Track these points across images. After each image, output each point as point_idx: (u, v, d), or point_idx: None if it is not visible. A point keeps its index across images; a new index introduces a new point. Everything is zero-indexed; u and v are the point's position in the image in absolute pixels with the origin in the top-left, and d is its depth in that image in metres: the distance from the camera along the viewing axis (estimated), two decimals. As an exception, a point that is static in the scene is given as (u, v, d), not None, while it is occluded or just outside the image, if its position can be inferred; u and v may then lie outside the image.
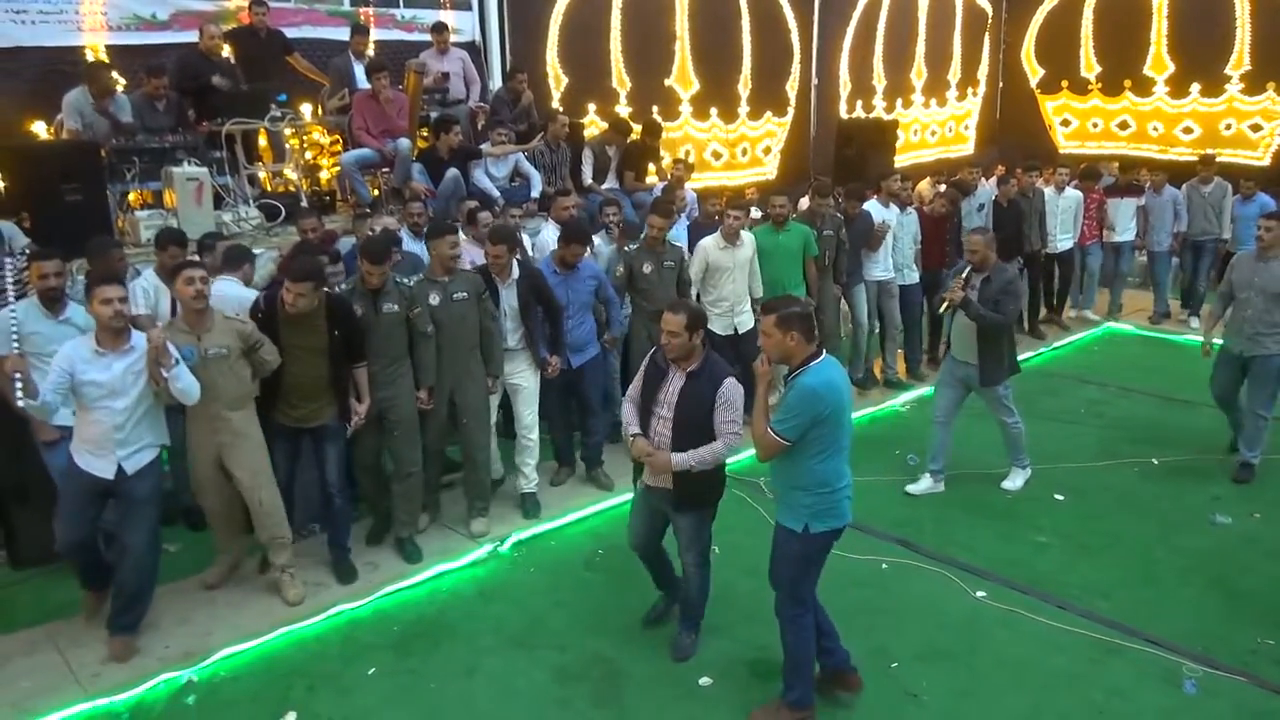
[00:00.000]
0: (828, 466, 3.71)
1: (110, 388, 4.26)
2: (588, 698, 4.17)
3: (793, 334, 3.65)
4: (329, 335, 4.89)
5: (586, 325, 6.11)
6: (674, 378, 4.12)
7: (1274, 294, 6.03)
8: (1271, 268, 6.09)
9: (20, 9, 7.41)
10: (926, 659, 4.40)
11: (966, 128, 16.19)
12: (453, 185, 7.50)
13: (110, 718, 4.11)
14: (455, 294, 5.31)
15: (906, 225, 8.10)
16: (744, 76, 12.57)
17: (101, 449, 4.33)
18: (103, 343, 4.25)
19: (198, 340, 4.53)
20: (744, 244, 6.86)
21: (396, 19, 9.47)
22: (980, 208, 8.81)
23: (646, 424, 4.18)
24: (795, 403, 3.61)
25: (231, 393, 4.65)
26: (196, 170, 6.78)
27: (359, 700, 4.19)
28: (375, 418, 5.24)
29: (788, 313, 3.67)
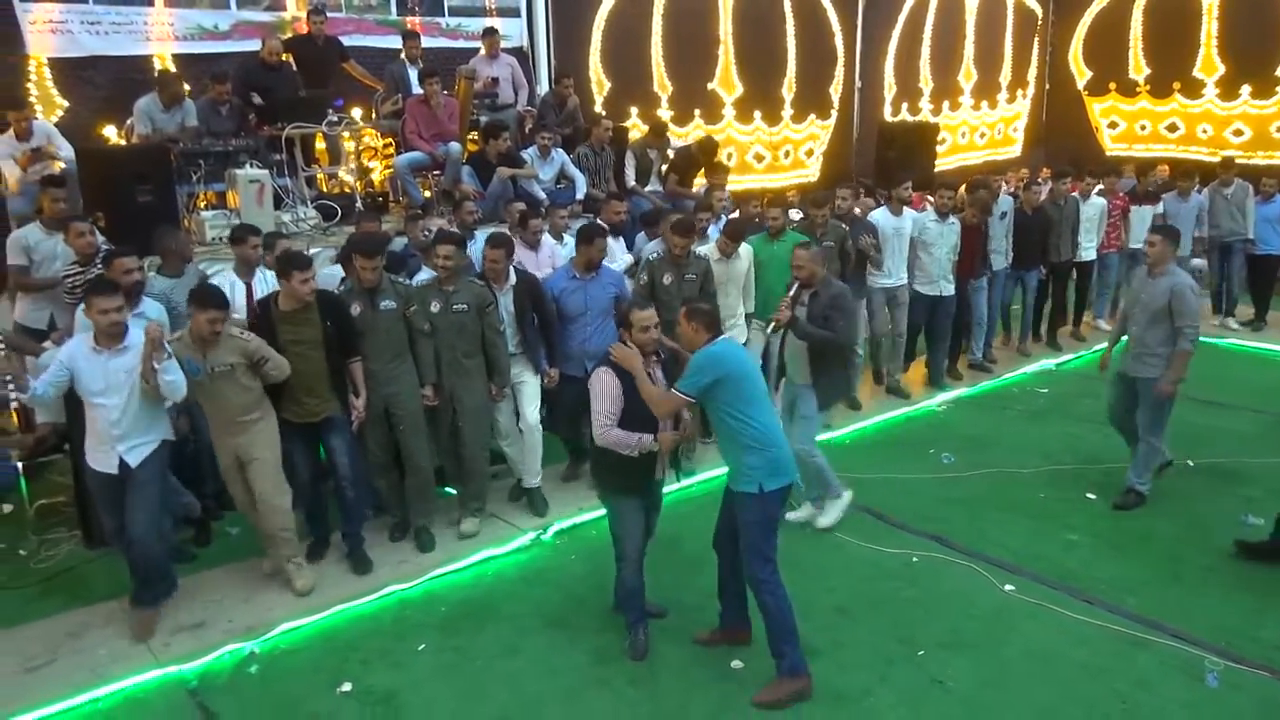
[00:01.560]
0: (761, 424, 4.11)
1: (105, 384, 4.52)
2: (625, 677, 4.37)
3: (694, 324, 4.23)
4: (323, 327, 5.05)
5: (608, 333, 5.92)
6: (655, 374, 4.40)
7: (1154, 312, 5.71)
8: (1155, 285, 5.77)
9: (94, 20, 7.85)
10: (953, 648, 4.53)
11: (1015, 130, 16.15)
12: (501, 188, 7.76)
13: (180, 684, 4.40)
14: (455, 305, 5.41)
15: (946, 235, 7.86)
16: (788, 79, 12.71)
17: (103, 444, 4.61)
18: (100, 342, 4.52)
19: (203, 357, 4.72)
20: (740, 257, 6.73)
21: (442, 27, 9.81)
22: (1002, 216, 8.58)
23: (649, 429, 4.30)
24: (695, 368, 4.11)
25: (241, 401, 4.85)
26: (258, 172, 7.11)
27: (409, 674, 4.43)
28: (382, 414, 5.38)
29: (695, 308, 4.34)
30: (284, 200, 7.50)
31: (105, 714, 4.22)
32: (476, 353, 5.54)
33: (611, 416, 4.28)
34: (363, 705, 4.23)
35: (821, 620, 4.77)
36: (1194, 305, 5.66)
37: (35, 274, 6.07)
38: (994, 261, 8.49)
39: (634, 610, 4.59)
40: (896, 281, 7.85)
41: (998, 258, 8.52)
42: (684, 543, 5.32)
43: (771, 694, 4.17)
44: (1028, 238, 8.63)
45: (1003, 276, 8.65)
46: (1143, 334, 5.80)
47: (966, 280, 8.19)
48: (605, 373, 4.33)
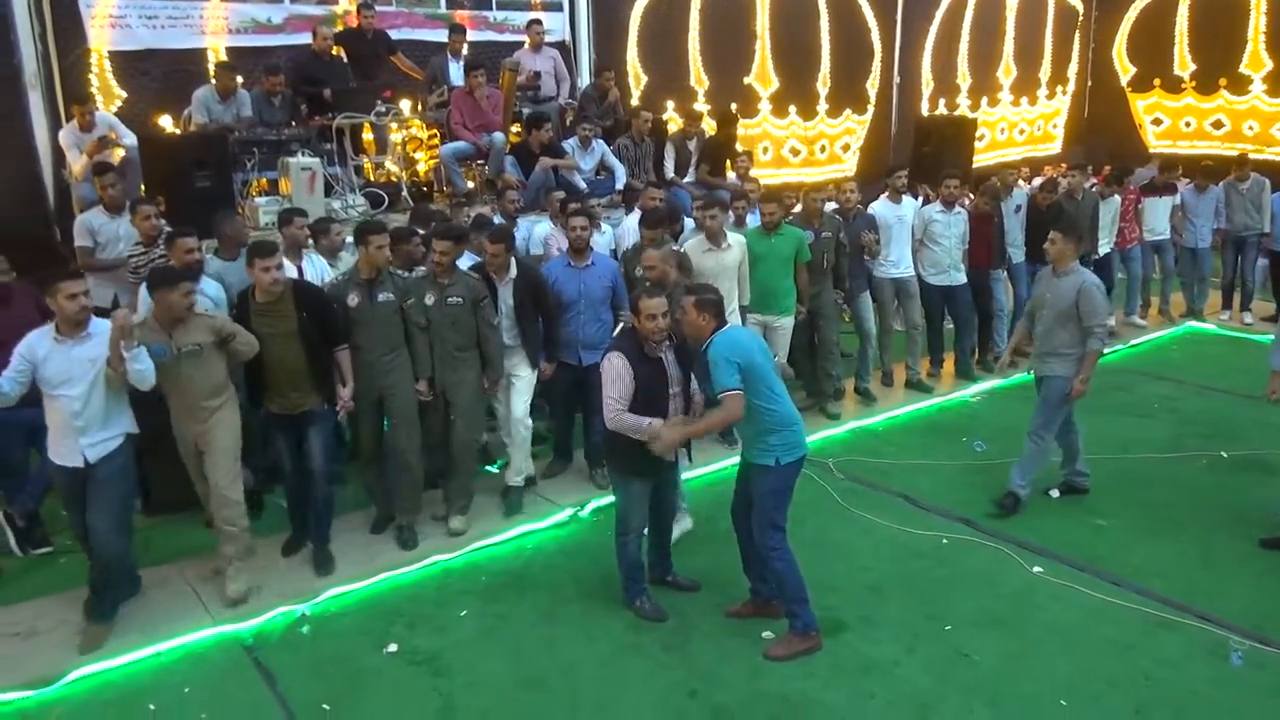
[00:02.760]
0: (782, 407, 4.31)
1: (67, 374, 4.41)
2: (658, 644, 4.53)
3: (705, 315, 4.29)
4: (297, 318, 4.96)
5: (602, 323, 6.01)
6: (667, 358, 4.50)
7: (1060, 311, 5.59)
8: (1060, 284, 5.64)
9: (151, 14, 8.14)
10: (980, 624, 4.64)
11: (1055, 126, 16.08)
12: (542, 177, 7.96)
13: (235, 642, 4.64)
14: (450, 298, 5.37)
15: (953, 225, 7.79)
16: (823, 75, 12.78)
17: (66, 439, 4.49)
18: (62, 330, 4.43)
19: (169, 337, 4.63)
20: (731, 247, 6.53)
21: (489, 20, 10.01)
22: (1017, 209, 8.49)
23: (661, 414, 4.42)
24: (719, 359, 4.19)
25: (206, 384, 4.76)
26: (309, 161, 7.37)
27: (452, 637, 4.63)
28: (377, 405, 5.39)
29: (704, 299, 4.33)
30: (334, 188, 7.76)
31: (166, 667, 4.46)
32: (470, 346, 5.50)
33: (623, 401, 4.36)
34: (408, 664, 4.44)
35: (852, 596, 4.91)
36: (1101, 304, 5.57)
37: (99, 255, 6.38)
38: (1011, 255, 8.45)
39: (634, 582, 4.77)
40: (904, 272, 7.80)
41: (1015, 251, 8.47)
42: (716, 520, 5.44)
43: (784, 649, 4.38)
44: (1043, 232, 8.54)
45: (1021, 271, 8.55)
46: (1049, 334, 5.68)
47: (984, 270, 8.16)
48: (617, 357, 4.40)
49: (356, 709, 4.12)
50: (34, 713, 4.15)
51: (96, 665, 4.43)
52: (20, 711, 4.16)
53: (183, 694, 4.25)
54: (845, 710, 4.06)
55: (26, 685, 4.28)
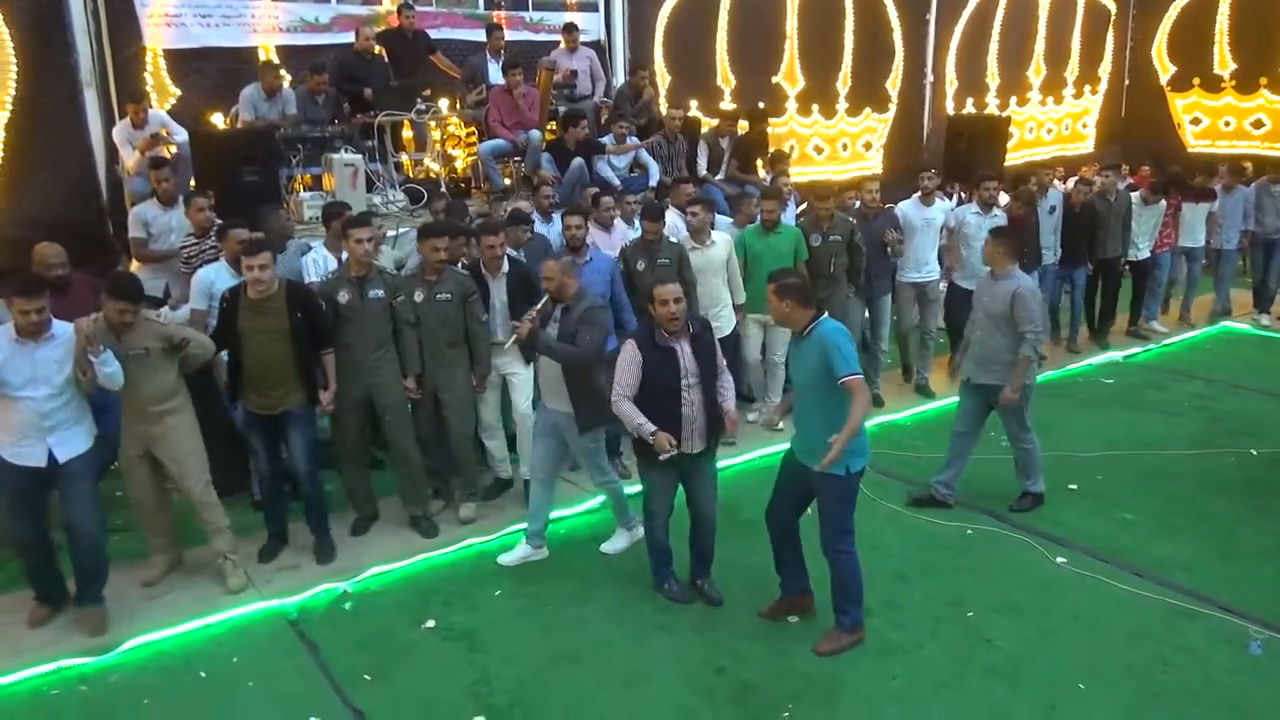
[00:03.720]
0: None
1: (31, 375, 4.39)
2: (687, 625, 4.67)
3: (788, 301, 4.20)
4: (290, 319, 5.00)
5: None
6: (682, 348, 4.47)
7: (995, 316, 5.50)
8: (997, 288, 5.54)
9: (205, 13, 8.40)
10: (1001, 611, 4.74)
11: (1085, 125, 15.98)
12: (578, 174, 8.12)
13: (281, 616, 4.85)
14: (439, 294, 5.40)
15: (988, 228, 7.38)
16: (843, 74, 12.87)
17: (28, 438, 4.45)
18: (22, 333, 4.39)
19: (118, 340, 4.64)
20: (716, 244, 6.57)
21: (526, 20, 10.18)
22: (1051, 210, 8.40)
23: (675, 404, 4.42)
24: (832, 346, 4.09)
25: (156, 388, 4.76)
26: (352, 157, 7.60)
27: (486, 615, 4.82)
28: (362, 404, 5.43)
29: (784, 283, 4.24)
30: (375, 183, 7.97)
31: (216, 639, 4.69)
32: (460, 343, 5.53)
33: (628, 389, 4.42)
34: (444, 640, 4.62)
35: (876, 583, 4.97)
36: (1035, 309, 5.45)
37: (153, 246, 6.64)
38: (1044, 256, 8.35)
39: (660, 565, 4.87)
40: (926, 276, 7.66)
41: (1047, 253, 8.38)
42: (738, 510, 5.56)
43: (833, 644, 4.41)
44: (1075, 234, 8.48)
45: (1051, 273, 8.49)
46: (987, 340, 5.58)
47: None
48: (630, 344, 4.47)
49: (396, 679, 4.32)
50: (93, 677, 4.38)
51: (151, 635, 4.65)
52: (80, 676, 4.39)
53: (231, 663, 4.47)
54: (866, 689, 4.18)
55: (86, 652, 4.52)
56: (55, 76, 7.80)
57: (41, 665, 4.42)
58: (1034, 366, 5.60)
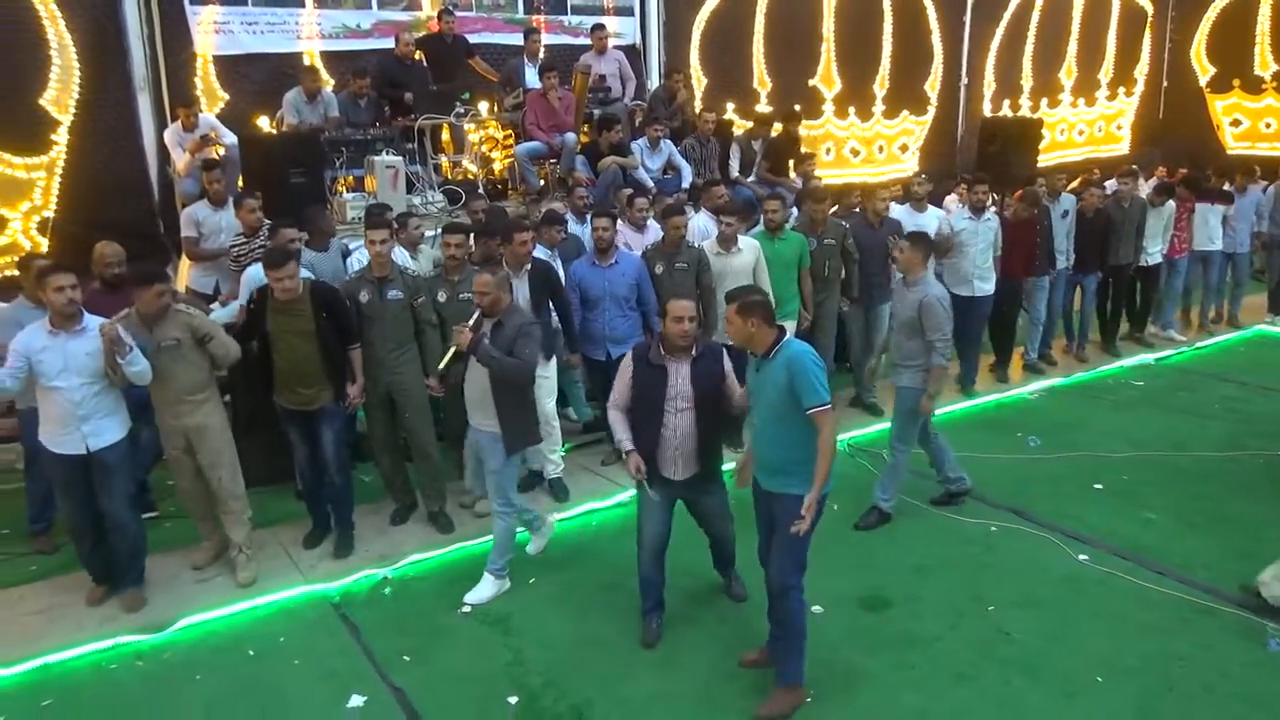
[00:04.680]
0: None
1: (65, 365, 4.54)
2: (713, 617, 4.82)
3: (753, 320, 3.88)
4: (315, 319, 5.11)
5: (629, 319, 6.17)
6: (678, 369, 4.25)
7: (905, 321, 5.54)
8: (908, 295, 5.54)
9: (252, 20, 8.70)
10: (1022, 606, 4.84)
11: (1119, 127, 15.91)
12: (611, 176, 8.30)
13: (324, 600, 5.08)
14: (462, 294, 5.45)
15: (981, 233, 7.48)
16: (881, 76, 12.93)
17: (66, 428, 4.63)
18: (55, 324, 4.56)
19: (150, 332, 4.78)
20: (742, 250, 6.53)
21: (564, 24, 10.39)
22: (1064, 215, 8.30)
23: (655, 424, 4.27)
24: (803, 370, 3.79)
25: (187, 380, 4.90)
26: (393, 159, 7.84)
27: (521, 600, 5.01)
28: (386, 401, 5.54)
29: (747, 301, 3.91)
30: (414, 185, 8.20)
31: (263, 619, 4.92)
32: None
33: (619, 399, 4.40)
34: (480, 624, 4.82)
35: (898, 576, 5.15)
36: (942, 318, 5.42)
37: (203, 245, 6.92)
38: (1056, 261, 8.30)
39: (647, 598, 4.64)
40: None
41: (1060, 257, 8.32)
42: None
43: (774, 707, 4.06)
44: (1087, 240, 8.43)
45: (1063, 279, 8.44)
46: (900, 343, 5.65)
47: (1022, 278, 8.01)
48: (627, 355, 4.48)
49: (434, 659, 4.52)
50: (149, 653, 4.63)
51: (202, 615, 4.90)
52: (137, 652, 4.64)
53: (278, 642, 4.70)
54: (885, 677, 4.30)
55: (142, 629, 4.78)
56: (112, 82, 8.15)
57: (101, 641, 4.68)
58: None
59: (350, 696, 4.24)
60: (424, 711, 4.14)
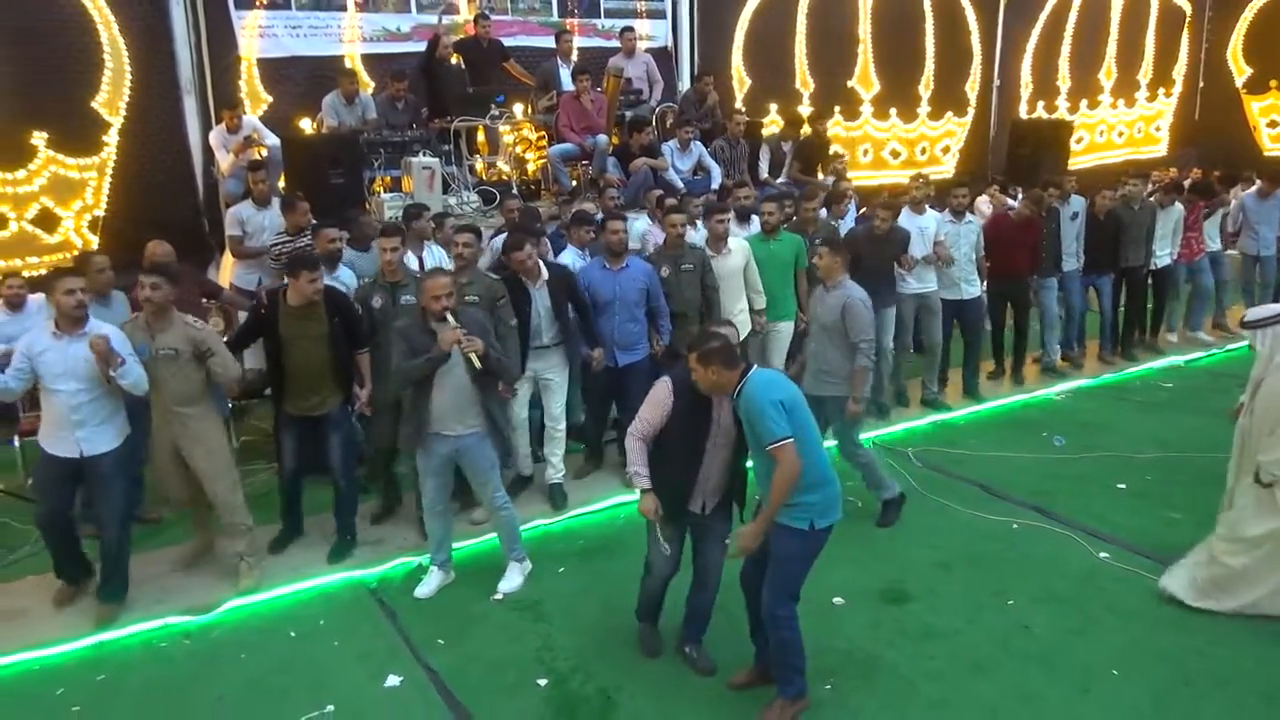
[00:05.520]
0: (817, 458, 3.84)
1: (64, 368, 4.58)
2: (739, 603, 4.88)
3: (713, 369, 3.80)
4: (329, 322, 5.17)
5: (638, 324, 6.18)
6: (721, 403, 4.01)
7: (827, 327, 5.50)
8: (829, 299, 5.51)
9: (295, 24, 8.95)
10: (1041, 601, 4.92)
11: (1158, 129, 15.82)
12: (642, 177, 8.45)
13: (361, 585, 5.28)
14: (468, 296, 5.36)
15: (964, 235, 7.47)
16: (925, 77, 12.96)
17: (61, 430, 4.66)
18: (61, 326, 4.60)
19: (152, 338, 4.83)
20: (732, 252, 6.56)
21: (597, 27, 10.55)
22: (1073, 216, 8.26)
23: (693, 462, 4.07)
24: (763, 402, 3.71)
25: (180, 390, 4.90)
26: (430, 160, 8.04)
27: (551, 588, 5.18)
28: (396, 403, 5.33)
29: (704, 350, 3.82)
30: (450, 185, 8.40)
31: (304, 603, 5.13)
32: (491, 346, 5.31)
33: (646, 424, 4.05)
34: (511, 610, 4.99)
35: (920, 572, 5.24)
36: (866, 319, 5.42)
37: (247, 243, 7.16)
38: (1065, 263, 8.29)
39: (645, 616, 4.57)
40: (927, 286, 7.46)
41: (1069, 259, 8.32)
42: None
43: (779, 715, 4.04)
44: (1099, 242, 8.40)
45: (1075, 280, 8.43)
46: (821, 351, 5.58)
47: (1024, 279, 7.98)
48: (665, 384, 4.08)
49: (467, 643, 4.69)
50: (196, 633, 4.85)
51: (246, 599, 5.11)
52: (185, 631, 4.86)
53: (318, 625, 4.90)
54: (905, 668, 4.40)
55: (189, 611, 4.99)
56: (160, 85, 8.45)
57: (151, 621, 4.90)
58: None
59: (387, 676, 4.42)
60: (458, 692, 4.30)
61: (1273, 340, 4.68)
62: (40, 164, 7.98)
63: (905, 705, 4.17)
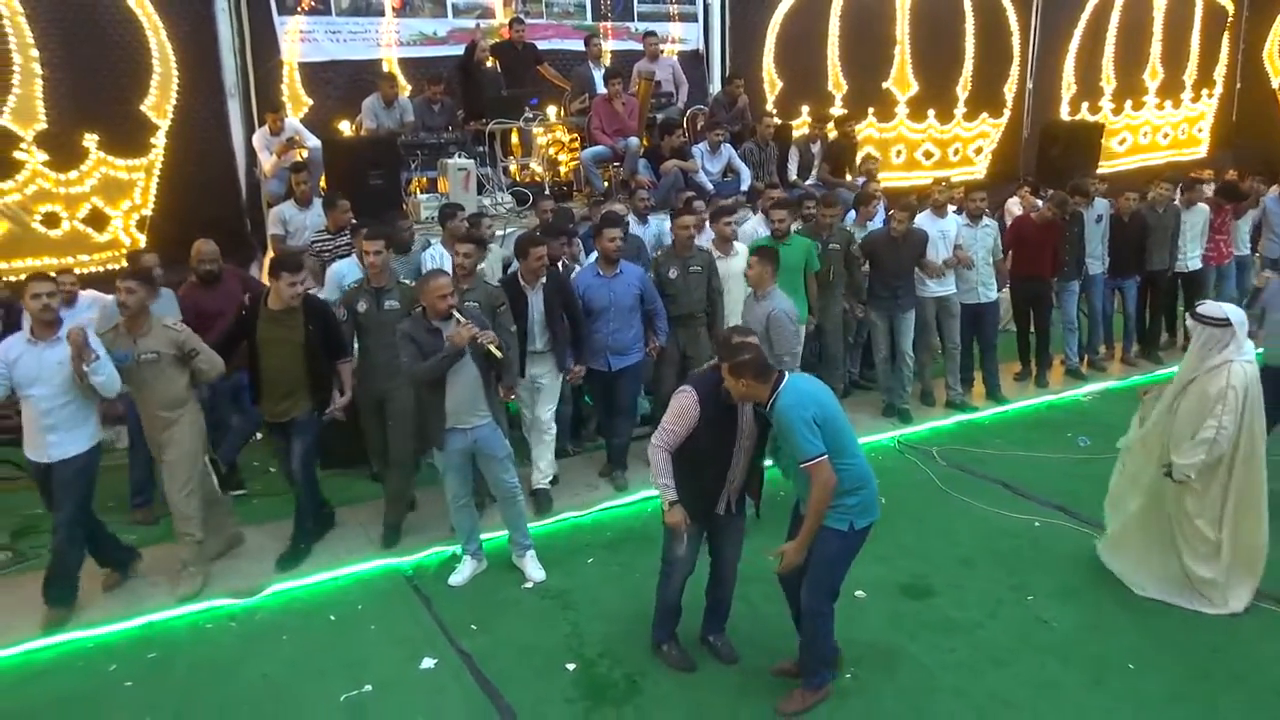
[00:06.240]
0: (854, 463, 3.91)
1: (38, 374, 4.64)
2: (763, 595, 5.03)
3: (744, 381, 3.83)
4: (305, 329, 5.19)
5: (633, 330, 6.22)
6: (744, 407, 4.08)
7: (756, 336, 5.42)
8: (757, 309, 5.56)
9: (335, 29, 9.18)
10: (1060, 596, 5.01)
11: (1200, 130, 15.65)
12: (673, 178, 8.59)
13: (398, 572, 5.48)
14: (468, 301, 5.37)
15: (981, 239, 7.53)
16: (964, 78, 12.95)
17: (35, 435, 4.73)
18: (36, 333, 4.67)
19: (134, 343, 4.88)
20: (738, 254, 6.65)
21: (630, 31, 10.68)
22: (1098, 219, 8.27)
23: (721, 467, 4.14)
24: (795, 420, 3.75)
25: (164, 393, 4.97)
26: (465, 162, 8.22)
27: (579, 579, 5.34)
28: (378, 408, 5.65)
29: (736, 363, 3.85)
30: (485, 186, 8.58)
31: (343, 589, 5.33)
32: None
33: (672, 435, 4.04)
34: (541, 598, 5.16)
35: (943, 567, 5.35)
36: (790, 334, 5.38)
37: (289, 242, 7.38)
38: (1089, 266, 8.30)
39: (662, 628, 4.55)
40: (947, 290, 7.50)
41: (1094, 262, 8.32)
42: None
43: (798, 704, 4.18)
44: (1124, 245, 8.40)
45: (1100, 283, 8.45)
46: None
47: (1046, 280, 7.99)
48: (688, 394, 4.06)
49: (498, 629, 4.87)
50: (241, 615, 5.07)
51: (287, 584, 5.33)
52: (230, 614, 5.08)
53: (356, 609, 5.10)
54: (926, 660, 4.52)
55: (233, 594, 5.21)
56: (205, 88, 8.69)
57: (197, 604, 5.13)
58: None
59: (422, 658, 4.61)
60: (489, 674, 4.48)
61: (1207, 341, 4.72)
62: (91, 165, 8.26)
63: (925, 694, 4.29)
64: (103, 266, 8.33)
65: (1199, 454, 4.63)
